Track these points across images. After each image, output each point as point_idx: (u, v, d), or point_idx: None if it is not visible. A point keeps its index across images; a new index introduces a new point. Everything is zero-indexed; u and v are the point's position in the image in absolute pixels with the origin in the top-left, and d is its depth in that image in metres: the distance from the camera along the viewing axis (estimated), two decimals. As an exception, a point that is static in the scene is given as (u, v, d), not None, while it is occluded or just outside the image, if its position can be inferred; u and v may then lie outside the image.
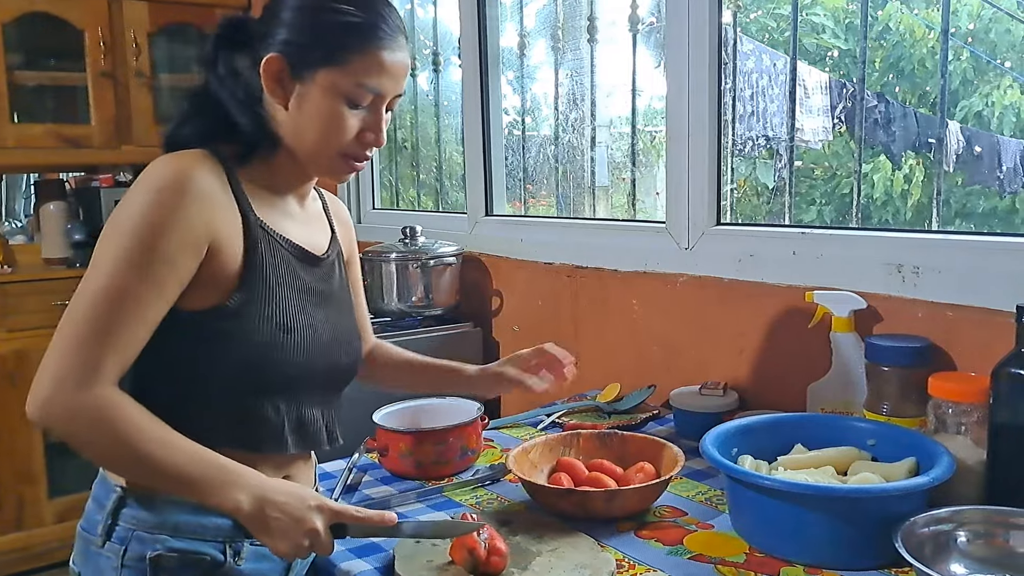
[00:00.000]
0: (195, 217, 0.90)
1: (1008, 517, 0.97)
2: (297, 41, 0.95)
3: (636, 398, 1.62)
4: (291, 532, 0.89)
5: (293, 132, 0.98)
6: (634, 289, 1.78)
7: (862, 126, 1.56)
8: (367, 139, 0.99)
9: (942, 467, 1.00)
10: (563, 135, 2.28)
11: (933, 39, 5.03)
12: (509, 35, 2.30)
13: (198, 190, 0.90)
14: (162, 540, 0.95)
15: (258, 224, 0.97)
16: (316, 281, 1.04)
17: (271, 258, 0.98)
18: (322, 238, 1.10)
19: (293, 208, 1.06)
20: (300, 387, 1.02)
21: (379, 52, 0.96)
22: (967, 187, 4.66)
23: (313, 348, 1.01)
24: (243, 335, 0.95)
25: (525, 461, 1.22)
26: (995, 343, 1.11)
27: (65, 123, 2.86)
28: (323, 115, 0.96)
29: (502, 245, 2.16)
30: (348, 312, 1.12)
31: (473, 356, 2.17)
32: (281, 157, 1.01)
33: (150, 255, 0.87)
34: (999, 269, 1.20)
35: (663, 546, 1.06)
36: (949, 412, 1.14)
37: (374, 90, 0.97)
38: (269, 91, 0.97)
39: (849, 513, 0.98)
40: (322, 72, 0.95)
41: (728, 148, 1.65)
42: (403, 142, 3.05)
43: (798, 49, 5.08)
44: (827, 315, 1.34)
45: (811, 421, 1.24)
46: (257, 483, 0.90)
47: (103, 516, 0.96)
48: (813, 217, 5.17)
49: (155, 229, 0.88)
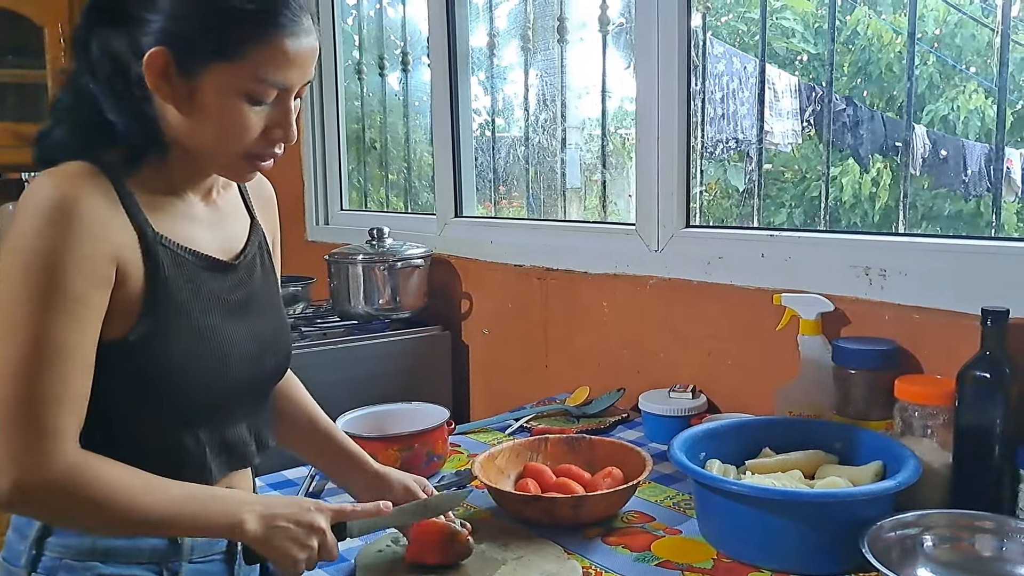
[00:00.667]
0: (95, 243, 0.81)
1: (973, 520, 0.97)
2: (183, 32, 0.83)
3: (605, 401, 1.61)
4: (301, 537, 0.87)
5: (187, 134, 0.87)
6: (604, 291, 1.77)
7: (830, 129, 1.57)
8: (275, 136, 0.89)
9: (908, 471, 1.00)
10: (533, 136, 2.27)
11: (900, 44, 5.09)
12: (480, 35, 2.29)
13: (88, 215, 0.81)
14: (92, 567, 0.89)
15: (157, 240, 0.87)
16: (230, 290, 0.95)
17: (176, 276, 0.89)
18: (237, 234, 1.00)
19: (197, 209, 0.95)
20: (221, 410, 0.95)
21: (281, 40, 0.84)
22: (933, 190, 4.73)
23: (233, 365, 0.93)
24: (154, 366, 0.87)
25: (492, 467, 1.20)
26: (961, 346, 1.11)
27: (25, 121, 2.80)
28: (220, 115, 0.85)
29: (472, 247, 2.14)
30: (273, 309, 1.02)
31: (442, 359, 2.15)
32: (176, 156, 0.90)
33: (63, 297, 0.79)
34: (964, 272, 1.20)
35: (630, 552, 1.05)
36: (915, 415, 1.15)
37: (279, 84, 0.86)
38: (154, 88, 0.84)
39: (816, 518, 0.97)
40: (215, 67, 0.83)
41: (697, 150, 1.65)
42: (372, 142, 3.02)
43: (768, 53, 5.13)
44: (795, 318, 1.33)
45: (779, 424, 1.24)
46: (255, 500, 0.89)
47: (26, 546, 0.90)
48: (783, 219, 5.21)
49: (58, 269, 0.79)
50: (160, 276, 0.87)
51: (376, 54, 2.81)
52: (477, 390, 2.18)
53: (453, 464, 1.39)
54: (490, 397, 2.12)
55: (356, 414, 1.38)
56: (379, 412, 1.41)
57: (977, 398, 1.08)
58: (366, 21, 2.96)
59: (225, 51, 0.83)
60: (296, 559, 0.87)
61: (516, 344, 2.02)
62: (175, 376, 0.88)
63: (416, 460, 1.30)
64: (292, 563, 0.87)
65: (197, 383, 0.90)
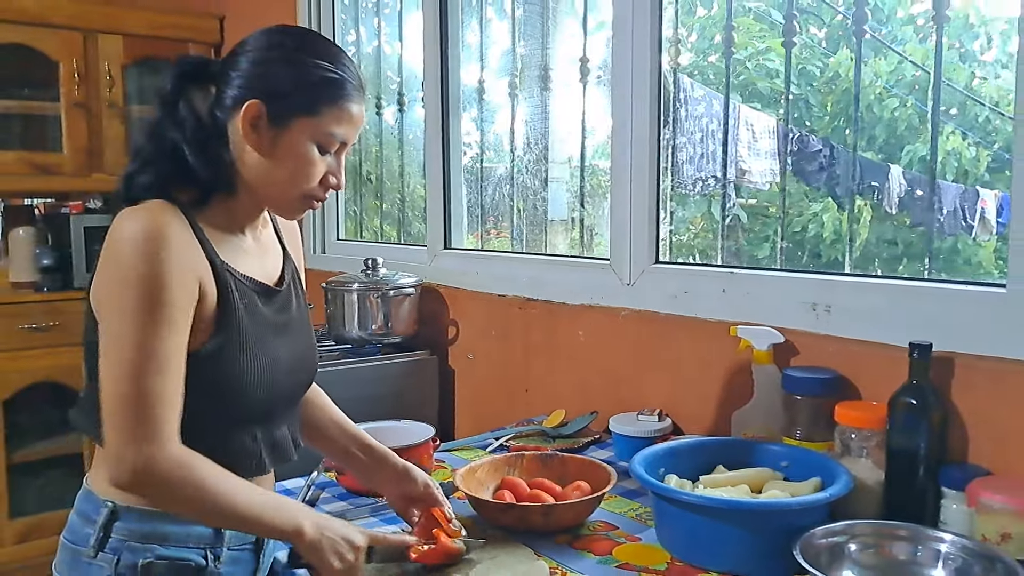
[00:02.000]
0: (184, 264, 0.97)
1: (893, 530, 1.09)
2: (278, 90, 1.01)
3: (579, 423, 1.73)
4: (342, 550, 1.01)
5: (264, 174, 1.04)
6: (580, 321, 1.89)
7: (784, 173, 1.71)
8: (330, 182, 1.08)
9: (840, 485, 1.13)
10: (518, 176, 2.41)
11: (880, 87, 5.29)
12: (472, 73, 2.43)
13: (177, 238, 0.97)
14: (152, 549, 1.03)
15: (224, 268, 1.03)
16: (276, 313, 1.12)
17: (239, 299, 1.04)
18: (276, 265, 1.17)
19: (248, 243, 1.12)
20: (271, 413, 1.11)
21: (349, 104, 1.05)
22: (914, 229, 4.88)
23: (279, 375, 1.09)
24: (219, 376, 1.02)
25: (472, 479, 1.32)
26: (893, 375, 1.24)
27: (36, 151, 2.92)
28: (298, 160, 1.03)
29: (459, 277, 2.27)
30: (306, 331, 1.20)
31: (430, 382, 2.27)
32: (239, 197, 1.07)
33: (164, 308, 0.94)
34: (896, 308, 1.34)
35: (594, 556, 1.16)
36: (853, 437, 1.27)
37: (340, 138, 1.05)
38: (244, 135, 1.02)
39: (757, 525, 1.09)
40: (300, 120, 1.02)
41: (668, 191, 1.78)
42: (368, 175, 3.16)
43: (752, 92, 5.24)
44: (749, 348, 1.47)
45: (731, 444, 1.37)
46: (309, 510, 1.05)
47: (95, 529, 1.03)
48: (767, 253, 5.36)
49: (158, 281, 0.94)
50: (228, 299, 1.03)
51: (374, 92, 2.96)
52: (462, 411, 2.30)
53: (438, 477, 1.50)
54: (473, 418, 2.24)
55: (349, 430, 1.50)
56: (370, 429, 1.51)
57: (905, 422, 1.21)
58: (364, 59, 3.12)
59: (310, 107, 1.02)
60: (335, 568, 1.01)
61: (498, 369, 2.14)
62: (237, 384, 1.04)
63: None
64: (330, 570, 1.01)
65: (254, 390, 1.05)
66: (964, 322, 1.25)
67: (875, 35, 5.12)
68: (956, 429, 1.26)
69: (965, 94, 5.07)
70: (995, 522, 1.07)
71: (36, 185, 2.90)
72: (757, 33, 5.65)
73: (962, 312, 1.26)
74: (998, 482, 1.13)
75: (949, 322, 1.26)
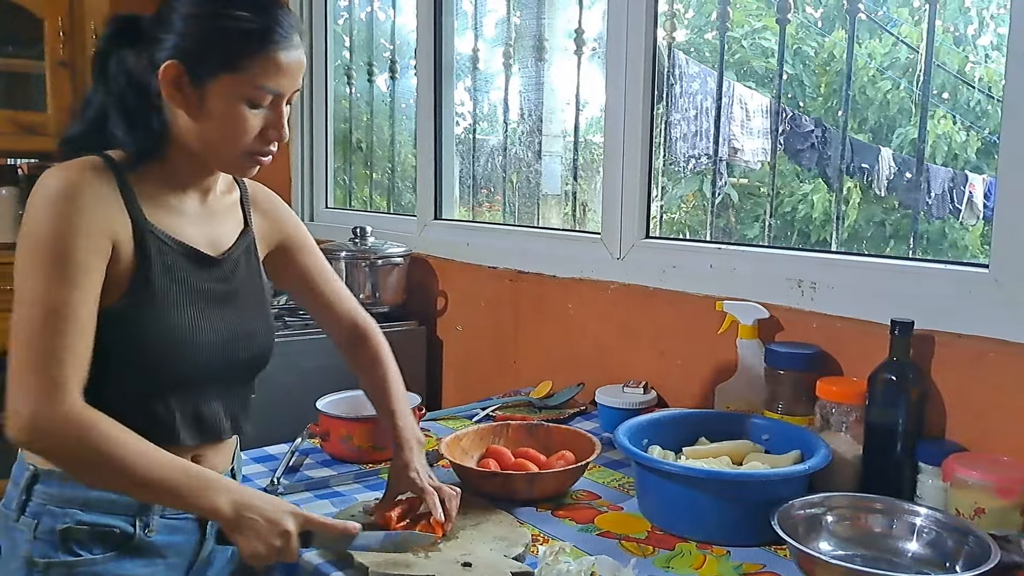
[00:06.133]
0: (95, 221, 0.95)
1: (869, 502, 1.12)
2: (195, 48, 0.97)
3: (565, 395, 1.75)
4: (265, 533, 0.96)
5: (196, 135, 1.01)
6: (570, 294, 1.90)
7: (774, 150, 1.71)
8: (270, 136, 1.03)
9: (819, 457, 1.15)
10: (512, 147, 2.40)
11: (873, 69, 5.28)
12: (466, 41, 2.41)
13: (89, 196, 0.95)
14: (72, 514, 1.00)
15: (147, 228, 1.01)
16: (211, 282, 1.07)
17: (160, 262, 1.01)
18: (226, 234, 1.12)
19: (191, 206, 1.08)
20: (194, 385, 1.06)
21: (276, 54, 0.99)
22: (901, 211, 4.91)
23: (207, 349, 1.05)
24: (130, 337, 0.99)
25: (457, 447, 1.34)
26: (875, 352, 1.26)
27: (20, 110, 2.88)
28: (226, 118, 0.99)
29: (449, 248, 2.27)
30: (255, 306, 1.14)
31: (417, 353, 2.28)
32: (177, 156, 1.04)
33: (69, 266, 0.93)
34: (879, 287, 1.35)
35: (576, 524, 1.18)
36: (833, 412, 1.29)
37: (273, 91, 1.00)
38: (168, 97, 0.99)
39: (736, 495, 1.11)
40: (222, 78, 0.98)
41: (660, 167, 1.79)
42: (358, 143, 3.14)
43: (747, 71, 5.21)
44: (734, 323, 1.48)
45: (714, 417, 1.39)
46: (236, 488, 0.99)
47: (17, 493, 1.02)
48: (757, 232, 5.38)
49: (65, 240, 0.93)
50: (146, 258, 1.01)
51: (366, 59, 2.93)
52: (449, 382, 2.31)
53: (422, 445, 1.52)
54: (460, 389, 2.25)
55: (335, 397, 1.51)
56: (356, 396, 1.53)
57: (884, 398, 1.23)
58: (357, 24, 3.08)
59: (231, 64, 0.98)
60: (256, 551, 0.96)
61: (487, 340, 2.15)
62: (148, 347, 1.01)
63: (388, 440, 1.42)
64: (253, 554, 0.97)
65: (165, 357, 1.02)
66: (946, 302, 1.27)
67: (871, 16, 5.11)
68: (934, 406, 1.28)
69: (958, 78, 5.08)
70: (969, 497, 1.09)
71: (19, 144, 2.86)
72: (754, 11, 5.63)
73: (944, 292, 1.28)
74: (973, 458, 1.15)
75: (931, 302, 1.28)
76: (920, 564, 1.04)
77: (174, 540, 1.08)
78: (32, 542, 1.00)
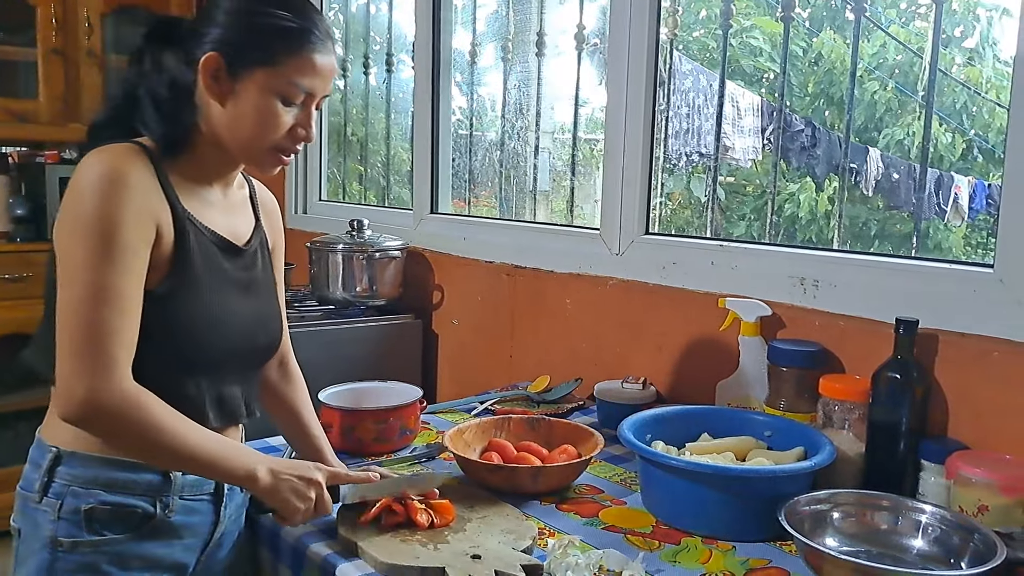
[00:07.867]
0: (142, 206, 0.98)
1: (874, 499, 1.12)
2: (235, 41, 1.02)
3: (564, 389, 1.75)
4: (301, 489, 1.03)
5: (227, 126, 1.04)
6: (568, 289, 1.90)
7: (777, 152, 1.72)
8: (298, 134, 1.07)
9: (823, 454, 1.15)
10: (508, 142, 2.40)
11: (861, 69, 5.32)
12: (461, 37, 2.40)
13: (136, 181, 0.98)
14: (95, 494, 1.03)
15: (185, 215, 1.04)
16: (238, 270, 1.11)
17: (197, 248, 1.05)
18: (245, 227, 1.16)
19: (216, 197, 1.12)
20: (221, 367, 1.10)
21: (311, 55, 1.03)
22: (888, 211, 4.95)
23: (235, 333, 1.09)
24: (169, 319, 1.02)
25: (460, 440, 1.33)
26: (878, 350, 1.27)
27: (11, 97, 2.84)
28: (259, 111, 1.03)
29: (445, 242, 2.26)
30: (269, 297, 1.19)
31: (413, 346, 2.27)
32: (206, 148, 1.07)
33: (118, 249, 0.95)
34: (883, 285, 1.36)
35: (581, 518, 1.18)
36: (836, 409, 1.30)
37: (306, 89, 1.04)
38: (206, 87, 1.03)
39: (741, 491, 1.12)
40: (259, 71, 1.02)
41: (660, 163, 1.79)
42: (352, 136, 3.12)
43: (736, 70, 5.24)
44: (736, 320, 1.48)
45: (717, 413, 1.39)
46: (266, 457, 1.05)
47: (39, 475, 1.04)
48: (742, 231, 5.40)
49: (114, 223, 0.95)
50: (185, 244, 1.04)
51: (361, 52, 2.92)
52: (444, 376, 2.30)
53: (424, 439, 1.51)
54: (456, 384, 2.25)
55: (336, 389, 1.50)
56: (357, 388, 1.53)
57: (888, 396, 1.24)
58: (351, 18, 3.06)
59: (269, 58, 1.02)
60: (297, 508, 1.03)
61: (483, 335, 2.15)
62: (186, 330, 1.04)
63: (390, 433, 1.42)
64: (293, 511, 1.03)
65: (202, 339, 1.05)
66: (950, 301, 1.28)
67: (867, 16, 5.14)
68: (937, 404, 1.29)
69: (951, 77, 5.12)
70: (973, 495, 1.10)
71: (10, 133, 2.82)
72: (743, 10, 5.65)
73: (948, 291, 1.29)
74: (977, 456, 1.16)
75: (935, 301, 1.29)
76: (926, 560, 1.04)
77: (191, 521, 1.10)
78: (56, 522, 1.02)
